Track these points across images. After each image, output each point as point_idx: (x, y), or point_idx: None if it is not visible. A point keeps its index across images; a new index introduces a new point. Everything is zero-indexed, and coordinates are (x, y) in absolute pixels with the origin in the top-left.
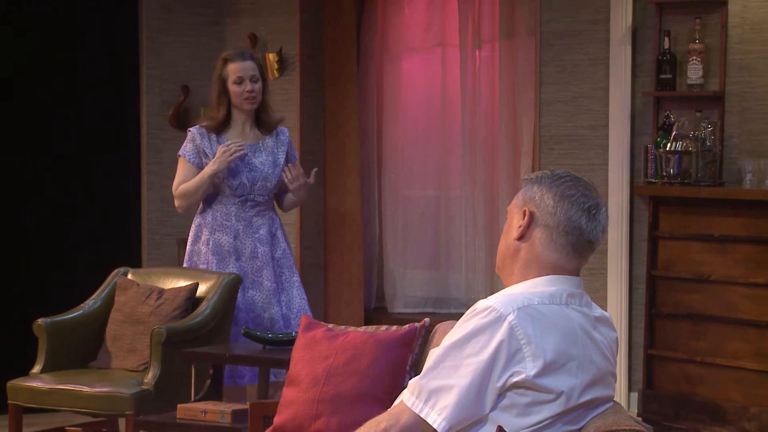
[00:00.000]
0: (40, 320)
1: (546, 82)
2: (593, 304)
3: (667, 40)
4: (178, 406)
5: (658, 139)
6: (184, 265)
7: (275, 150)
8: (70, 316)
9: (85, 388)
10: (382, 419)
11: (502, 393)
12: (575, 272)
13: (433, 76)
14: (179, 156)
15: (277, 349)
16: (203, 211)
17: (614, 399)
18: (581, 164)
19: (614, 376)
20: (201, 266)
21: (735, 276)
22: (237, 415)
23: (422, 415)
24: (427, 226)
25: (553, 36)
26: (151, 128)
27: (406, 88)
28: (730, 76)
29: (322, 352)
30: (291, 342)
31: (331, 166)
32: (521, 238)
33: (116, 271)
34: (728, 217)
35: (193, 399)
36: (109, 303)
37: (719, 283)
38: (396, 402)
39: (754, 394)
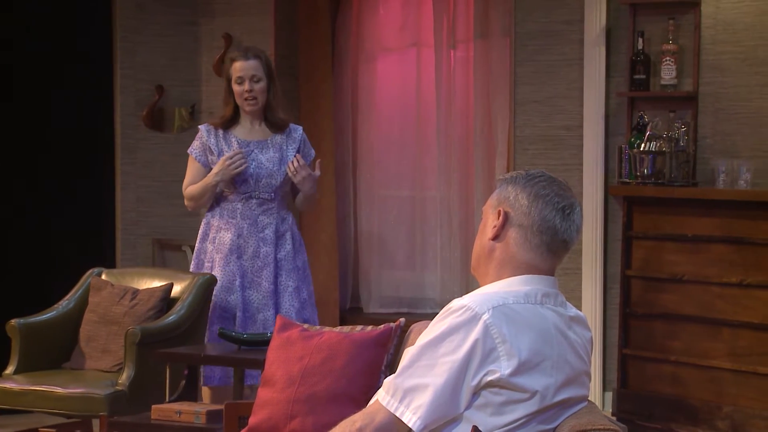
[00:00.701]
0: (13, 321)
1: (521, 82)
2: (568, 303)
3: (640, 40)
4: (153, 406)
5: (632, 139)
6: (192, 263)
7: (284, 147)
8: (44, 316)
9: (59, 389)
10: (358, 418)
11: (476, 392)
12: (550, 272)
13: (408, 77)
14: (189, 153)
15: (252, 349)
16: (211, 208)
17: (589, 398)
18: (556, 164)
19: (589, 375)
20: (206, 264)
21: (709, 276)
22: (212, 415)
23: (397, 414)
24: (402, 227)
25: (528, 36)
26: (125, 128)
27: (381, 88)
28: (703, 77)
29: (297, 353)
30: (266, 342)
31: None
32: (496, 238)
33: (90, 271)
34: (702, 217)
35: (167, 400)
36: (83, 303)
37: (693, 283)
38: (371, 401)
39: (727, 394)
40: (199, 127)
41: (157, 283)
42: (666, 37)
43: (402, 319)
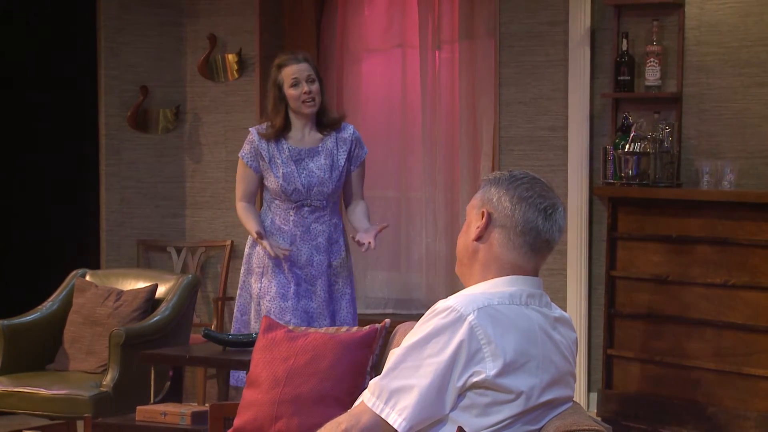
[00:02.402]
0: None
1: (505, 83)
2: (553, 304)
3: (625, 41)
4: (137, 408)
5: (617, 140)
6: (242, 266)
7: (334, 151)
8: (28, 318)
9: (43, 391)
10: (343, 420)
11: (462, 393)
12: (534, 272)
13: (393, 78)
14: (239, 157)
15: (237, 350)
16: (264, 214)
17: (574, 399)
18: (541, 165)
19: (574, 376)
20: (257, 269)
21: (693, 276)
22: (197, 416)
23: (383, 416)
24: (388, 227)
25: (513, 37)
26: (110, 129)
27: (367, 89)
28: (687, 78)
29: (282, 354)
30: (251, 343)
31: None
32: (479, 239)
33: (74, 272)
34: (686, 218)
35: (152, 401)
36: (67, 305)
37: (677, 284)
38: (357, 403)
39: (711, 394)
40: (250, 129)
41: (141, 284)
42: (650, 39)
43: (387, 320)
